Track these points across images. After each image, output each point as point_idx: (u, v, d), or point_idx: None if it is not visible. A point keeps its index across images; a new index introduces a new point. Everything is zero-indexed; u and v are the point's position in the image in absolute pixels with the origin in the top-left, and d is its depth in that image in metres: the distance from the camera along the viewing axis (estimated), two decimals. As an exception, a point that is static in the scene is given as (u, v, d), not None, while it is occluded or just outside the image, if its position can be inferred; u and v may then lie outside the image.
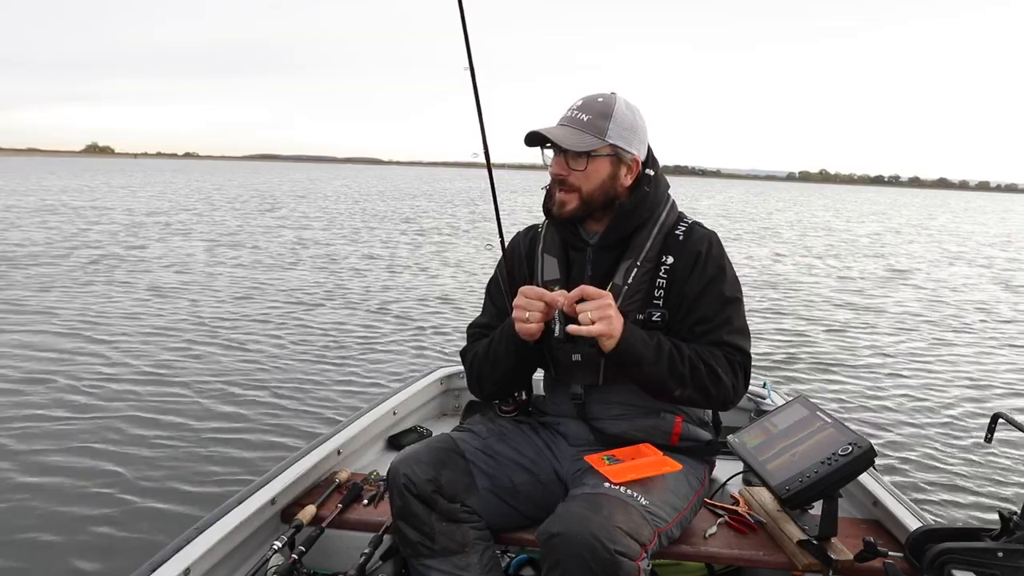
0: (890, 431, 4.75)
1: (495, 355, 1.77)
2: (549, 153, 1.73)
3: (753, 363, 1.75)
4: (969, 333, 8.14)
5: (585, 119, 1.69)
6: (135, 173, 63.58)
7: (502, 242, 1.91)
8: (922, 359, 6.76)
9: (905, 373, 6.22)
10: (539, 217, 1.90)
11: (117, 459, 3.84)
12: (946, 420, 5.02)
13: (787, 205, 46.80)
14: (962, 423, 4.97)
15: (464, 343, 1.95)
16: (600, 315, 1.55)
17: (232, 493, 1.89)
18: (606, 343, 1.59)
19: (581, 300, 1.58)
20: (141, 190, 33.39)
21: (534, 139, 1.71)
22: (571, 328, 1.56)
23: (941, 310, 9.54)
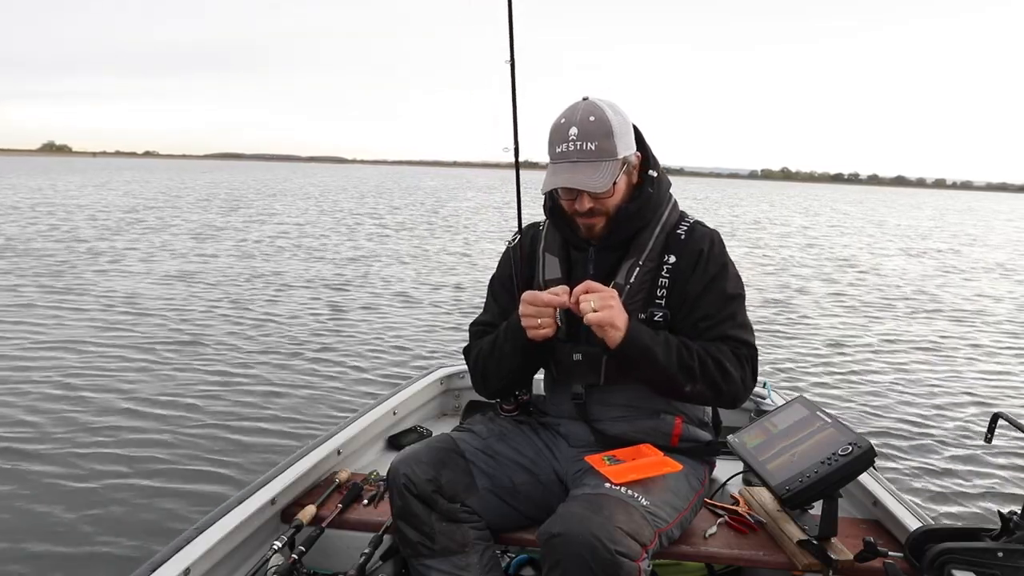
0: (890, 431, 4.75)
1: (501, 352, 1.77)
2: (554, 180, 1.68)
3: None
4: (969, 333, 8.14)
5: (593, 147, 1.62)
6: (100, 172, 62.63)
7: (519, 238, 1.91)
8: (922, 359, 6.76)
9: (905, 373, 6.22)
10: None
11: (116, 460, 3.83)
12: (946, 420, 5.02)
13: (737, 201, 47.88)
14: (962, 423, 4.96)
15: (464, 342, 1.95)
16: (602, 304, 1.55)
17: (232, 493, 1.89)
18: (612, 335, 1.57)
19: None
20: (109, 190, 33.09)
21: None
22: (584, 313, 1.55)
23: (939, 310, 9.55)
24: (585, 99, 1.68)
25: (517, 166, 1.83)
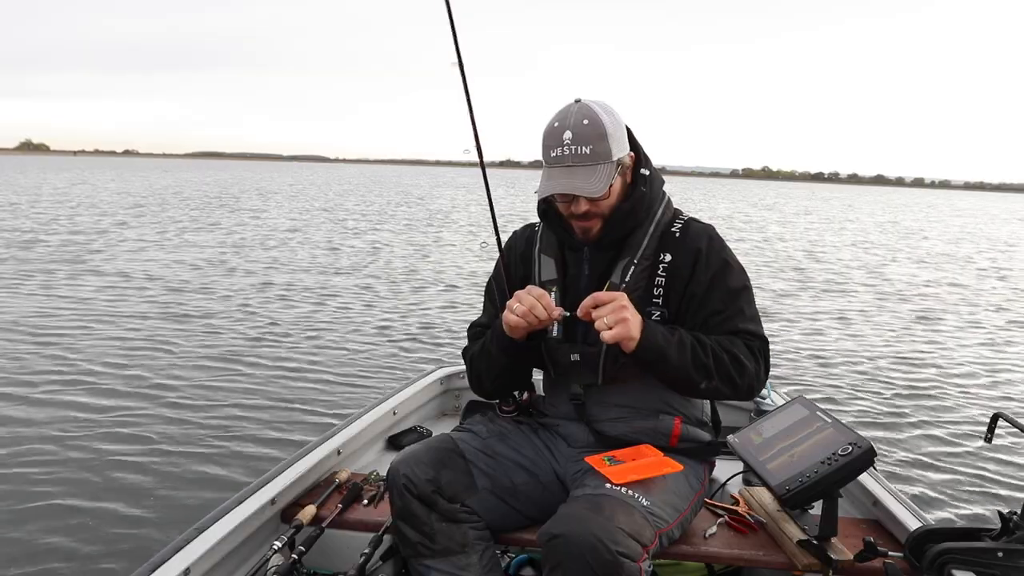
0: (890, 431, 4.75)
1: (489, 353, 1.79)
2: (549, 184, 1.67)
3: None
4: (970, 333, 8.14)
5: (588, 151, 1.62)
6: (84, 171, 62.13)
7: (498, 240, 1.90)
8: (922, 358, 6.76)
9: (905, 373, 6.22)
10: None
11: (117, 459, 3.83)
12: (946, 420, 5.02)
13: (705, 197, 48.99)
14: (962, 423, 4.96)
15: (463, 342, 1.96)
16: (616, 318, 1.54)
17: (232, 493, 1.89)
18: (628, 345, 1.58)
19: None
20: (98, 188, 33.00)
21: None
22: (600, 331, 1.55)
23: (942, 310, 9.55)
24: (578, 101, 1.67)
25: (482, 165, 1.80)
